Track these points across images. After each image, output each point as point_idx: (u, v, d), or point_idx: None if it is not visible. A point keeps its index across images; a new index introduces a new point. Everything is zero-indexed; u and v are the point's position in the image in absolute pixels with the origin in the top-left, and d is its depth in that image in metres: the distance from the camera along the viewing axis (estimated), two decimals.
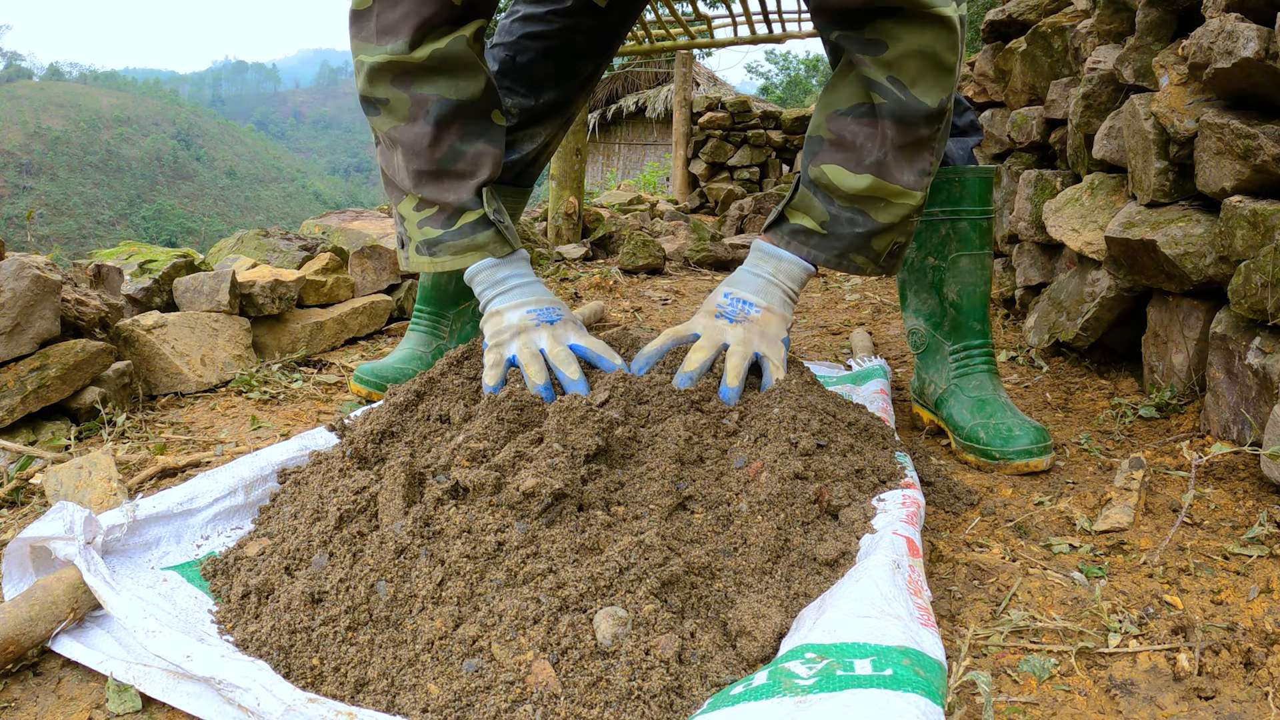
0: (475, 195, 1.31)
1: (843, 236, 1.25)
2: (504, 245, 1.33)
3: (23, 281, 1.44)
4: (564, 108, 1.69)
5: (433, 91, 1.27)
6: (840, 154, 1.23)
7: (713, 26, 4.68)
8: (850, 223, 1.24)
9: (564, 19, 1.57)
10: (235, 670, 0.72)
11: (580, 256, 3.83)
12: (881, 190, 1.22)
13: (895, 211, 1.24)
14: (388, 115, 1.30)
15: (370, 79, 1.27)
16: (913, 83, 1.16)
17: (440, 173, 1.31)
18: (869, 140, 1.21)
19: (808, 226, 1.27)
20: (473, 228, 1.32)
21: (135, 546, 0.96)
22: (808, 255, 1.28)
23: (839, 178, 1.23)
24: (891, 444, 1.24)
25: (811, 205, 1.27)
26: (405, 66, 1.25)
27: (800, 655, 0.73)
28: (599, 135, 11.93)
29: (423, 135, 1.28)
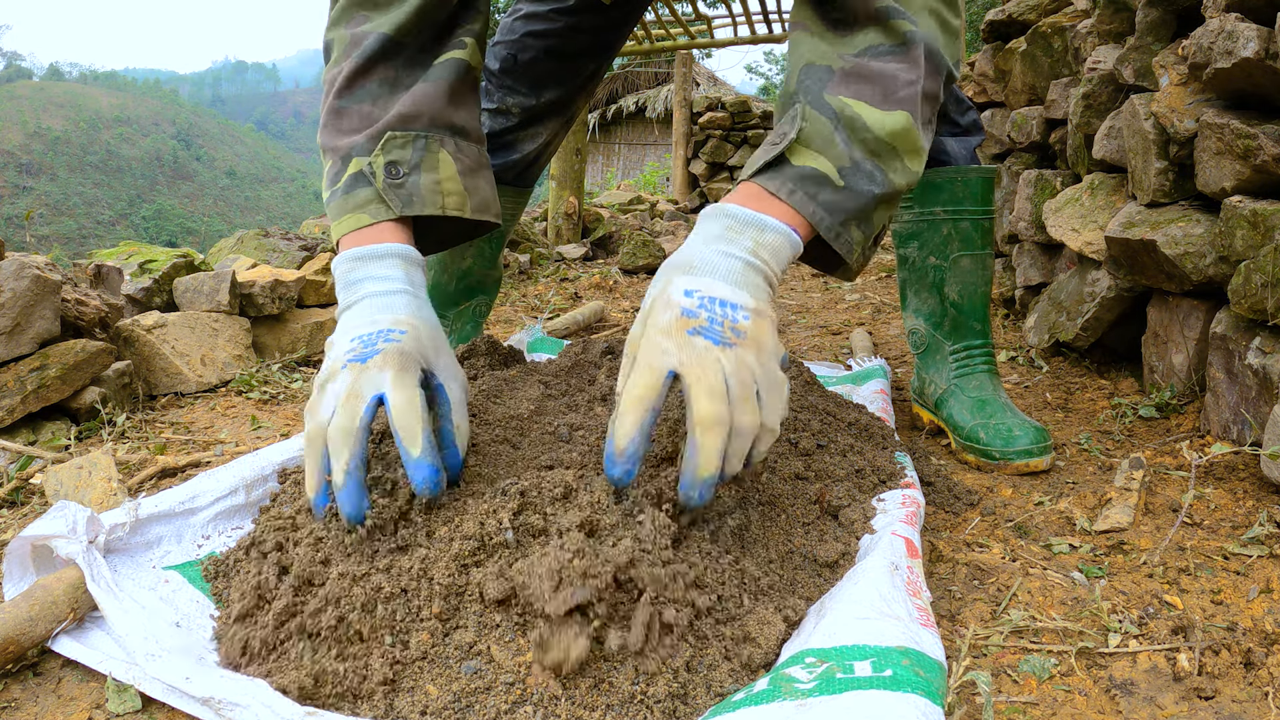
0: (370, 139, 1.01)
1: (859, 194, 0.92)
2: (384, 209, 0.99)
3: (23, 281, 1.44)
4: (566, 107, 1.69)
5: (371, 28, 1.04)
6: (861, 85, 0.93)
7: (713, 26, 4.67)
8: (869, 178, 0.93)
9: (567, 17, 1.57)
10: (234, 688, 0.72)
11: (580, 256, 3.83)
12: (906, 138, 0.93)
13: (906, 178, 0.96)
14: (331, 60, 1.08)
15: (331, 21, 1.08)
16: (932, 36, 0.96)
17: (341, 112, 1.04)
18: (902, 72, 0.94)
19: (823, 172, 0.91)
20: (352, 181, 1.00)
21: (137, 545, 0.96)
22: (812, 214, 0.91)
23: (864, 112, 0.92)
24: (891, 444, 1.24)
25: (832, 141, 0.92)
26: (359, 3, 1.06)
27: (801, 660, 0.73)
28: (599, 135, 11.93)
29: (340, 73, 1.04)
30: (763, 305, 0.86)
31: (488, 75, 1.68)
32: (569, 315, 2.40)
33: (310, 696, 0.74)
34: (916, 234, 1.53)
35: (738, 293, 0.85)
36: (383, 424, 0.91)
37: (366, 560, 0.81)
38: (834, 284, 3.32)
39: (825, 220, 0.91)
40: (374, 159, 1.00)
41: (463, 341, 1.84)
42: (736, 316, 0.84)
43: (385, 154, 1.00)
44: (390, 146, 1.00)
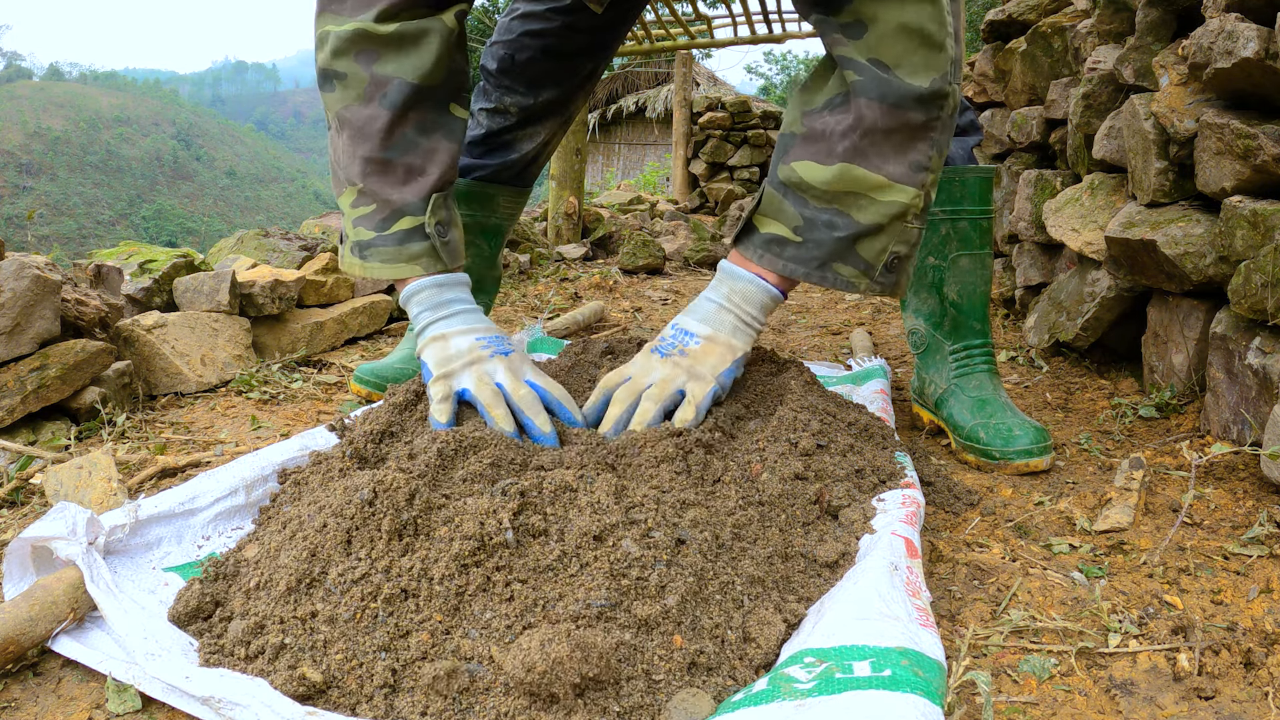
0: (421, 200, 1.18)
1: (821, 243, 1.11)
2: (436, 262, 1.20)
3: (23, 281, 1.44)
4: (563, 107, 1.69)
5: (394, 73, 1.14)
6: (812, 147, 1.10)
7: (713, 26, 4.67)
8: (828, 226, 1.10)
9: (564, 17, 1.57)
10: (233, 688, 0.72)
11: (580, 256, 3.83)
12: (856, 182, 1.08)
13: (880, 210, 1.09)
14: (343, 91, 1.17)
15: (334, 51, 1.15)
16: (897, 64, 1.04)
17: (387, 164, 1.17)
18: (840, 125, 1.08)
19: (780, 234, 1.13)
20: (407, 235, 1.18)
21: (137, 547, 0.96)
22: (782, 268, 1.14)
23: (810, 173, 1.10)
24: (891, 444, 1.24)
25: (782, 208, 1.13)
26: (371, 38, 1.14)
27: (800, 660, 0.73)
28: (599, 135, 11.93)
29: (375, 118, 1.15)
30: (718, 334, 1.16)
31: (485, 75, 1.68)
32: (569, 315, 2.40)
33: (310, 697, 0.74)
34: None
35: (700, 325, 1.18)
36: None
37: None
38: None
39: (798, 270, 1.14)
40: (428, 220, 1.19)
41: None
42: (688, 341, 1.17)
43: (434, 215, 1.20)
44: (437, 208, 1.20)
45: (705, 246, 3.79)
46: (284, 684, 0.73)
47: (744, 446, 1.13)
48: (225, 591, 0.89)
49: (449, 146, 1.21)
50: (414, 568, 0.82)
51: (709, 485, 1.04)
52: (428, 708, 0.73)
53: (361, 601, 0.80)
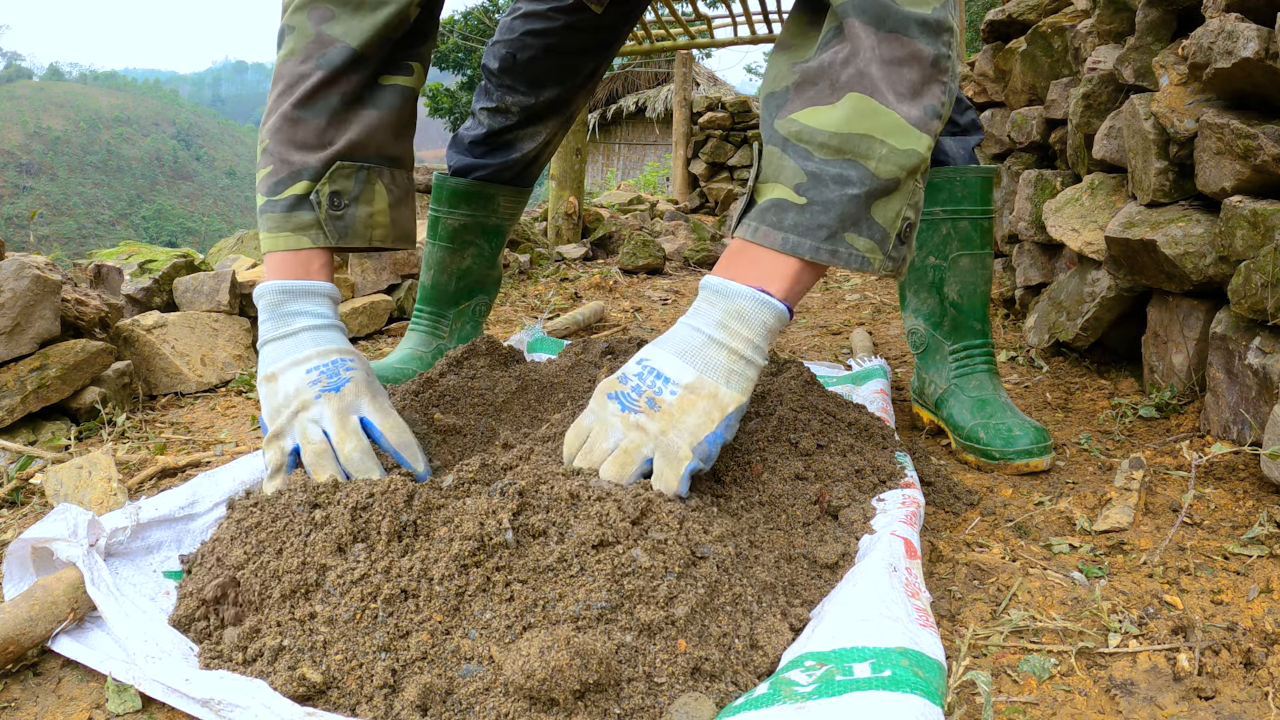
0: (323, 165, 1.08)
1: (830, 204, 0.89)
2: (322, 236, 1.08)
3: (23, 281, 1.44)
4: (564, 106, 1.69)
5: (341, 35, 1.08)
6: (809, 91, 0.92)
7: (713, 26, 4.67)
8: (839, 181, 0.89)
9: (566, 16, 1.57)
10: (233, 689, 0.72)
11: (580, 256, 3.83)
12: (870, 116, 0.88)
13: (897, 161, 0.89)
14: (288, 45, 1.10)
15: (293, 6, 1.10)
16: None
17: (298, 122, 1.08)
18: (839, 55, 0.90)
19: (781, 198, 0.91)
20: (296, 202, 1.07)
21: (137, 550, 0.96)
22: (783, 242, 0.90)
23: (813, 118, 0.90)
24: (891, 444, 1.25)
25: (783, 166, 0.92)
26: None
27: (800, 664, 0.73)
28: (599, 135, 11.94)
29: (306, 76, 1.08)
30: (703, 379, 0.89)
31: (486, 74, 1.68)
32: (569, 315, 2.40)
33: (310, 697, 0.74)
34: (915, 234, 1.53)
35: (682, 367, 0.90)
36: None
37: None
38: (834, 284, 3.32)
39: (804, 244, 0.90)
40: (321, 187, 1.07)
41: (463, 341, 1.84)
42: (662, 389, 0.90)
43: (331, 183, 1.08)
44: (337, 176, 1.08)
45: (705, 246, 3.79)
46: (284, 685, 0.73)
47: (744, 446, 1.13)
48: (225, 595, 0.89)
49: (372, 114, 1.11)
50: (414, 568, 0.82)
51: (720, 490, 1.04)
52: (428, 708, 0.72)
53: (361, 602, 0.80)
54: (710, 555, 0.85)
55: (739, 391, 0.90)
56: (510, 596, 0.80)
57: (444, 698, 0.73)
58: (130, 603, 0.85)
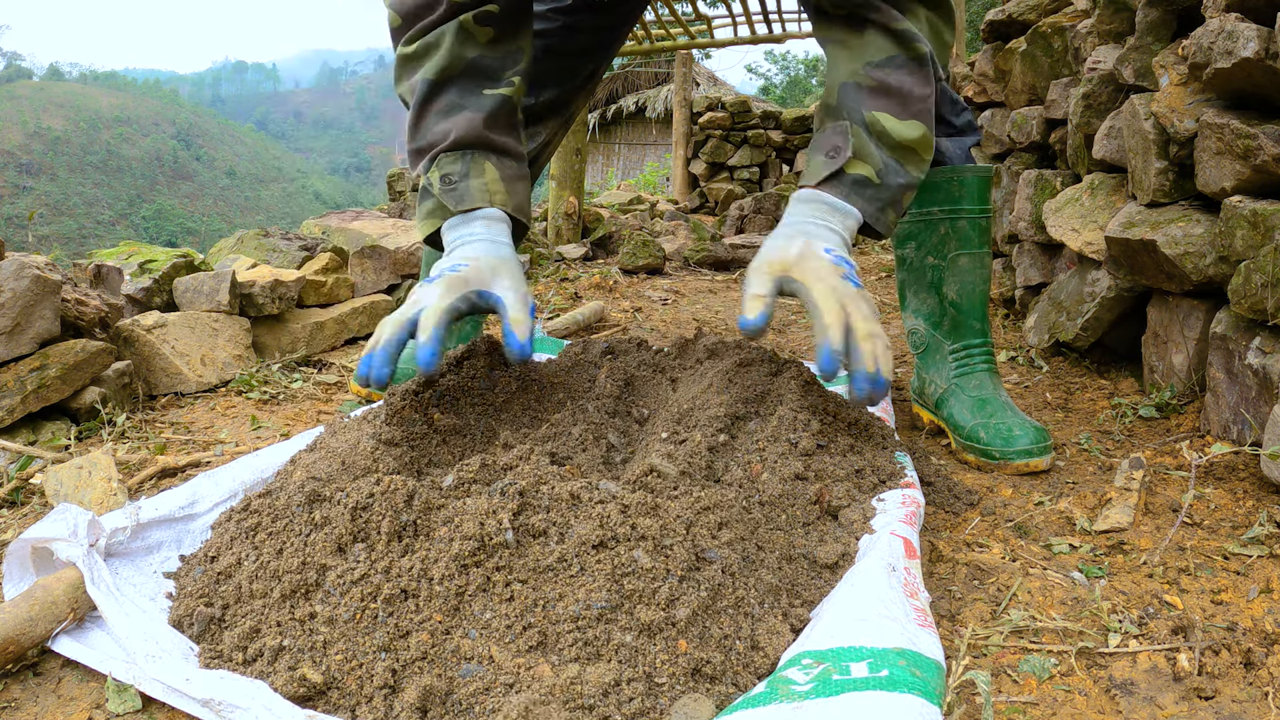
0: (429, 162, 1.26)
1: (890, 187, 1.20)
2: (444, 211, 1.25)
3: (23, 281, 1.44)
4: (564, 107, 1.69)
5: (420, 75, 1.27)
6: (885, 100, 1.19)
7: (713, 26, 4.67)
8: (895, 173, 1.20)
9: (565, 16, 1.57)
10: (233, 690, 0.72)
11: (580, 256, 3.83)
12: (924, 143, 1.20)
13: (920, 170, 1.22)
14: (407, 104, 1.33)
15: (395, 80, 1.34)
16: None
17: (418, 150, 1.30)
18: (916, 88, 1.19)
19: (866, 176, 1.19)
20: (419, 197, 1.30)
21: (138, 550, 0.96)
22: (862, 209, 1.20)
23: (890, 124, 1.19)
24: (891, 444, 1.24)
25: (870, 152, 1.19)
26: (408, 59, 1.30)
27: (798, 663, 0.73)
28: (599, 135, 11.93)
29: (409, 119, 1.30)
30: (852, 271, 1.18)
31: None
32: (569, 315, 2.40)
33: (311, 698, 0.74)
34: (914, 234, 1.53)
35: (849, 256, 1.19)
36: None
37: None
38: None
39: (870, 211, 1.20)
40: (430, 174, 1.25)
41: (463, 341, 1.84)
42: (853, 272, 1.17)
43: (439, 169, 1.25)
44: (443, 163, 1.25)
45: (705, 246, 3.79)
46: (284, 685, 0.73)
47: (744, 446, 1.13)
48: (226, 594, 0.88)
49: (470, 116, 1.26)
50: (414, 568, 0.82)
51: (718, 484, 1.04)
52: (428, 708, 0.72)
53: (361, 602, 0.80)
54: (717, 560, 0.85)
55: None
56: (510, 596, 0.80)
57: (444, 698, 0.73)
58: (130, 602, 0.85)
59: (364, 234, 2.93)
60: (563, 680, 0.72)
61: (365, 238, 2.85)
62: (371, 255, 2.47)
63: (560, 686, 0.71)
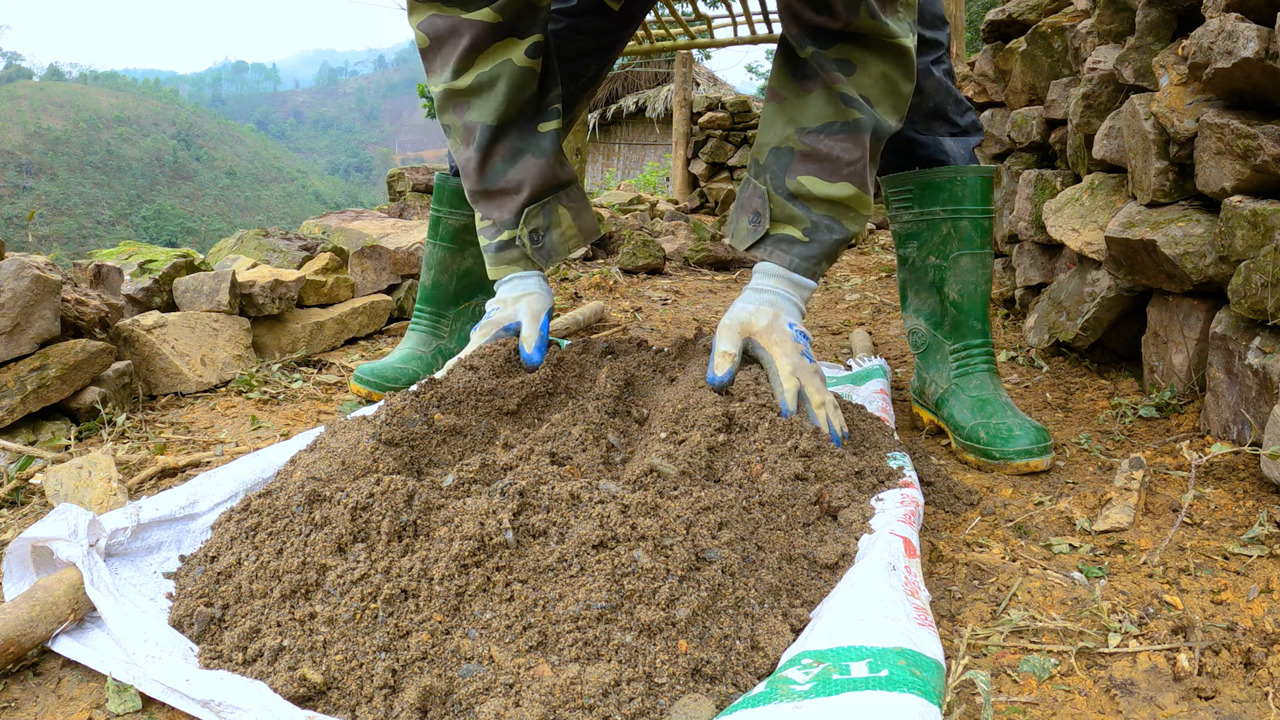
0: (515, 216, 1.43)
1: (823, 243, 1.29)
2: (529, 264, 1.46)
3: (23, 281, 1.44)
4: (567, 108, 1.69)
5: (477, 119, 1.38)
6: (814, 165, 1.27)
7: (713, 26, 4.67)
8: (829, 229, 1.29)
9: (568, 19, 1.57)
10: (233, 691, 0.72)
11: (580, 256, 3.83)
12: (858, 201, 1.28)
13: (860, 222, 1.30)
14: (452, 140, 1.44)
15: (439, 107, 1.42)
16: (877, 103, 1.25)
17: (487, 193, 1.44)
18: (846, 153, 1.26)
19: (791, 234, 1.30)
20: (504, 245, 1.45)
21: (138, 550, 0.96)
22: (789, 263, 1.30)
23: (816, 188, 1.27)
24: (891, 444, 1.24)
25: (793, 215, 1.30)
26: (457, 94, 1.38)
27: (798, 662, 0.73)
28: (599, 135, 11.93)
29: (470, 160, 1.41)
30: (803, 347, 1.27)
31: None
32: (569, 315, 2.40)
33: (311, 698, 0.74)
34: (916, 234, 1.53)
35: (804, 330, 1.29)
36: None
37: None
38: (834, 284, 3.32)
39: (802, 265, 1.30)
40: (520, 232, 1.44)
41: (463, 341, 1.84)
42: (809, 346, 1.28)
43: (527, 225, 1.44)
44: (529, 219, 1.44)
45: (705, 246, 3.79)
46: (284, 685, 0.73)
47: (743, 447, 1.13)
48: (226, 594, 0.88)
49: (536, 163, 1.42)
50: (414, 568, 0.82)
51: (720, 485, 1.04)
52: (428, 709, 0.72)
53: (361, 602, 0.79)
54: (717, 559, 0.85)
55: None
56: (510, 596, 0.80)
57: (444, 698, 0.73)
58: (130, 603, 0.85)
59: (364, 234, 2.93)
60: (563, 680, 0.72)
61: (365, 238, 2.85)
62: (371, 255, 2.47)
63: (560, 687, 0.71)
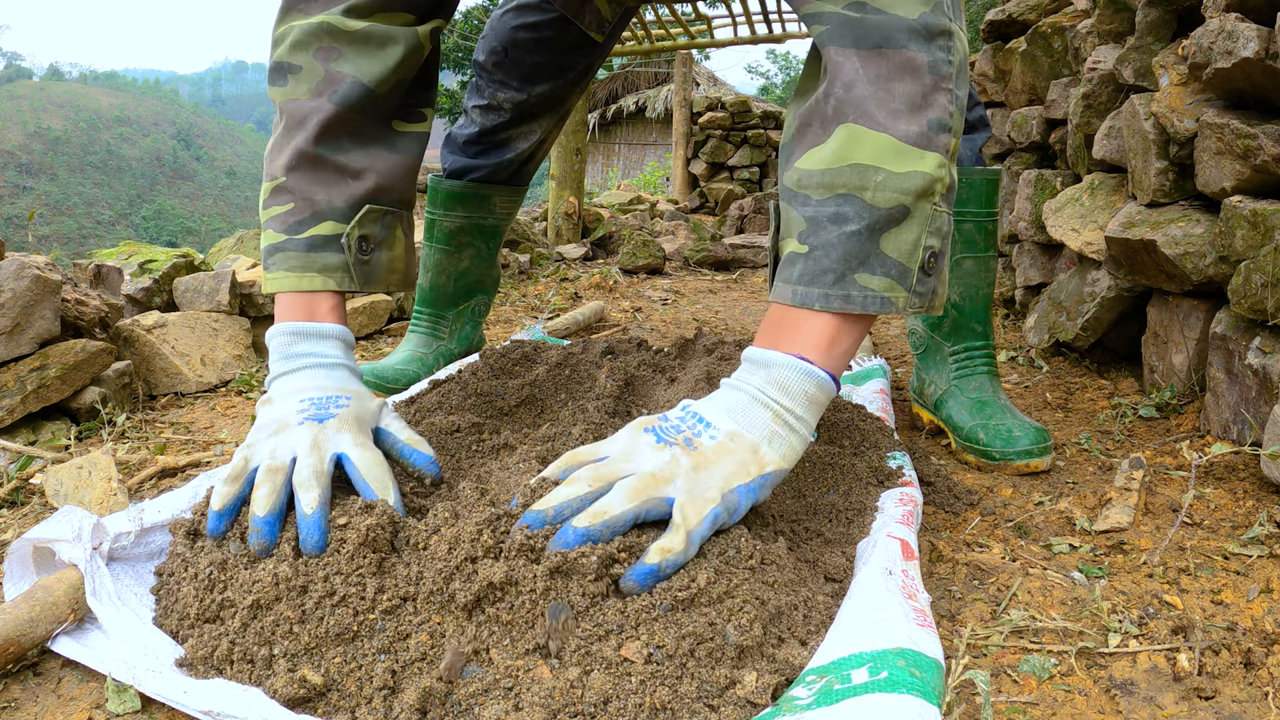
0: (349, 206, 1.08)
1: (831, 245, 0.85)
2: (347, 279, 1.08)
3: (23, 281, 1.44)
4: (559, 103, 1.68)
5: (350, 72, 1.07)
6: (805, 135, 0.90)
7: (713, 26, 4.67)
8: (836, 220, 0.85)
9: (558, 10, 1.56)
10: (231, 700, 0.72)
11: (580, 256, 3.83)
12: (859, 144, 0.84)
13: (900, 185, 0.83)
14: (294, 85, 1.08)
15: (294, 43, 1.07)
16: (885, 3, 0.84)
17: (318, 160, 1.07)
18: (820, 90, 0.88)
19: (791, 250, 0.89)
20: (322, 242, 1.07)
21: (140, 555, 0.96)
22: (791, 295, 0.88)
23: (809, 160, 0.87)
24: (890, 444, 1.25)
25: (791, 218, 0.90)
26: (336, 34, 1.06)
27: (803, 680, 0.73)
28: (599, 135, 11.94)
29: (318, 110, 1.06)
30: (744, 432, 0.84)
31: (477, 69, 1.67)
32: (569, 315, 2.40)
33: (310, 700, 0.74)
34: None
35: (723, 418, 0.85)
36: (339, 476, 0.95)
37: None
38: None
39: (811, 293, 0.86)
40: (350, 230, 1.08)
41: (463, 342, 1.84)
42: (701, 431, 0.84)
43: (361, 227, 1.09)
44: (366, 220, 1.09)
45: (705, 246, 3.79)
46: (284, 686, 0.73)
47: None
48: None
49: (390, 158, 1.13)
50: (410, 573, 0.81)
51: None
52: (427, 710, 0.72)
53: (361, 605, 0.79)
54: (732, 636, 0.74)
55: (777, 455, 0.84)
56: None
57: (444, 699, 0.73)
58: (130, 613, 0.85)
59: None
60: (561, 684, 0.72)
61: None
62: None
63: (559, 690, 0.71)
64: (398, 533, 0.85)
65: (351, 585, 0.79)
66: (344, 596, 0.79)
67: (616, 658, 0.72)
